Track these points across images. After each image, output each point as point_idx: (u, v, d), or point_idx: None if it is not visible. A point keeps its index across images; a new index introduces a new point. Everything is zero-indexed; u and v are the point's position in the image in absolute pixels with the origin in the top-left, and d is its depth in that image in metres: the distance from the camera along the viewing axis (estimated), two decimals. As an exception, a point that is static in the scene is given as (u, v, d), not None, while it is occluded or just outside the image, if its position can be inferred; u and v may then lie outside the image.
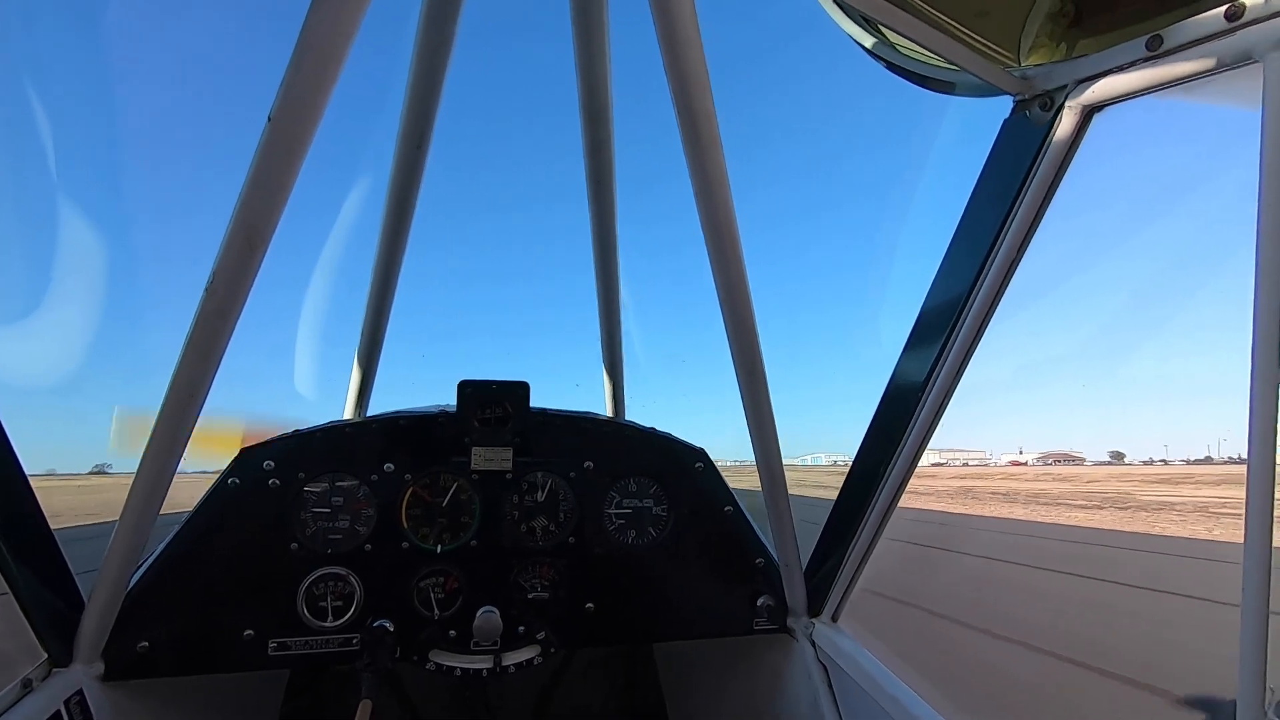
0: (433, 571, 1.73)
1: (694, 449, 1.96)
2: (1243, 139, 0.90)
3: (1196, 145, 3.03)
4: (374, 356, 1.95)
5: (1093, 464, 60.97)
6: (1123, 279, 64.36)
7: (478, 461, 1.78)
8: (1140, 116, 1.13)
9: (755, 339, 1.50)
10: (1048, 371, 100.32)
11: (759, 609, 1.89)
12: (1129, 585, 8.48)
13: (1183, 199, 18.92)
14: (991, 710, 4.90)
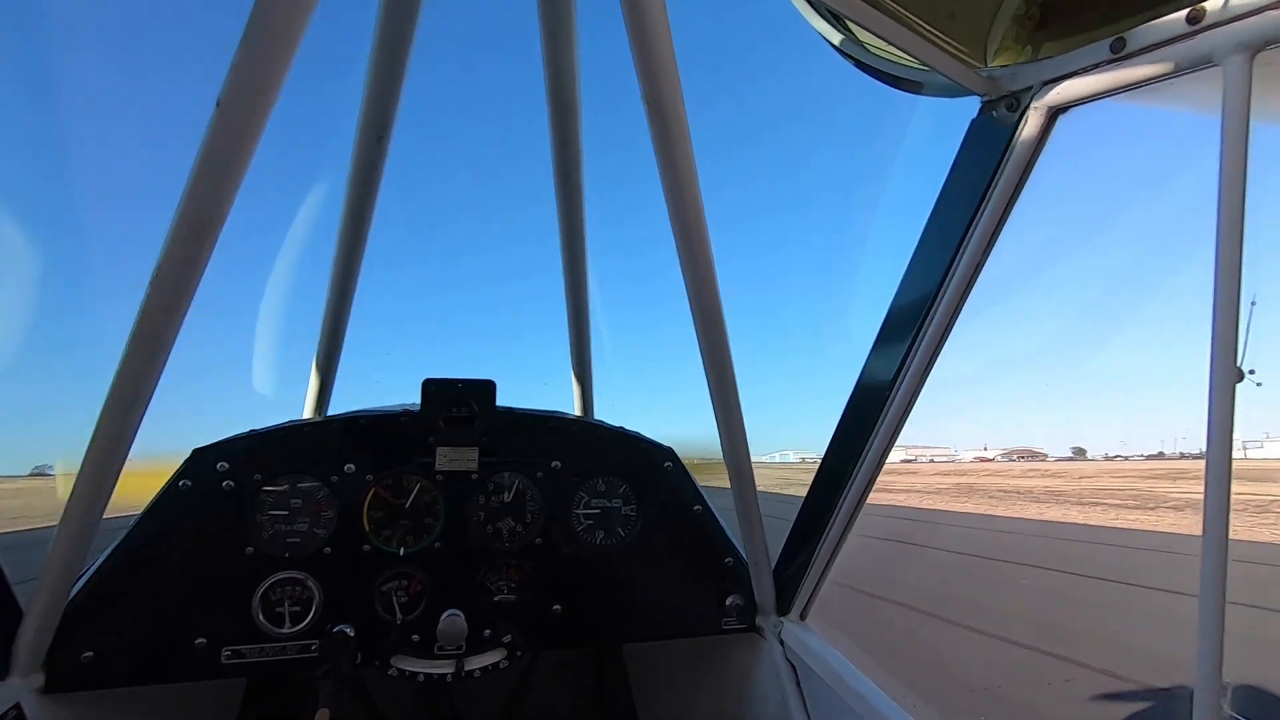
0: (395, 574, 1.68)
1: (662, 448, 1.94)
2: (1204, 141, 0.92)
3: (1160, 147, 3.12)
4: (334, 355, 1.90)
5: (1055, 460, 62.49)
6: (1085, 279, 66.42)
7: (443, 462, 1.74)
8: (1105, 118, 1.14)
9: (724, 337, 1.49)
10: (1009, 369, 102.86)
11: (728, 608, 1.89)
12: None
13: (1145, 200, 19.66)
14: (957, 698, 5.02)
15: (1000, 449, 72.94)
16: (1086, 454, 67.93)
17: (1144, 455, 59.75)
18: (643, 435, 1.94)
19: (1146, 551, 11.27)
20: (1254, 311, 0.82)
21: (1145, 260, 56.74)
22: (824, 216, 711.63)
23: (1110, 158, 19.78)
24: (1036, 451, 70.74)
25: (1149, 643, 6.01)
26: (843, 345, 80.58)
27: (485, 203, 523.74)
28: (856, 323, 17.77)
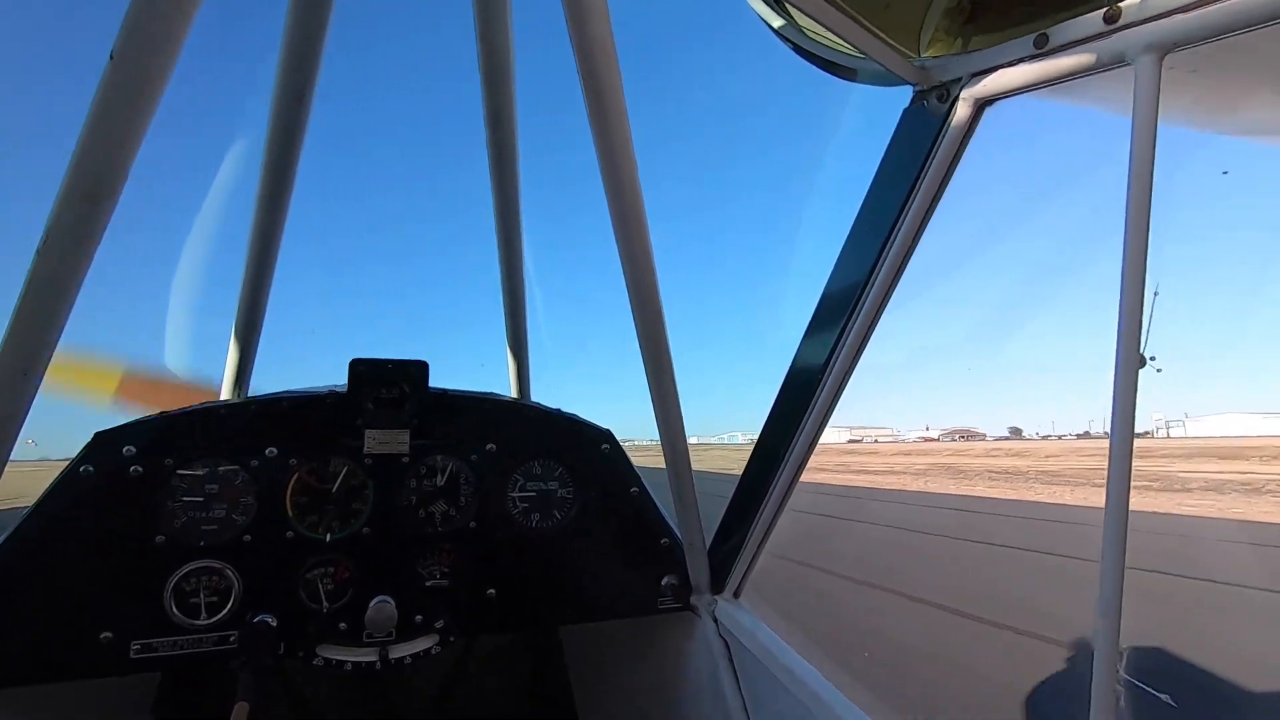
0: (321, 561, 1.63)
1: (600, 430, 1.93)
2: (1121, 138, 0.96)
3: (1079, 143, 3.28)
4: (253, 332, 1.80)
5: (993, 439, 65.32)
6: (1006, 268, 69.98)
7: (371, 445, 1.68)
8: (1030, 112, 1.19)
9: (661, 320, 1.49)
10: (943, 354, 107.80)
11: (663, 589, 1.91)
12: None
13: (1065, 193, 20.82)
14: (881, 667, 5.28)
15: (940, 429, 75.99)
16: (1022, 433, 71.54)
17: (1074, 434, 63.17)
18: (580, 417, 1.93)
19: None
20: (1156, 301, 0.87)
21: (1062, 251, 60.41)
22: (760, 202, 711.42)
23: (1034, 152, 20.94)
24: (975, 431, 74.02)
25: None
26: (777, 331, 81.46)
27: (419, 179, 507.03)
28: (790, 309, 17.92)
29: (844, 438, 68.19)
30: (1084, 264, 60.62)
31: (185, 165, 50.85)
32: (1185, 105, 1.23)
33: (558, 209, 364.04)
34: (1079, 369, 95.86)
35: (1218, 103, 1.28)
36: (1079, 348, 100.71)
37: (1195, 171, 10.36)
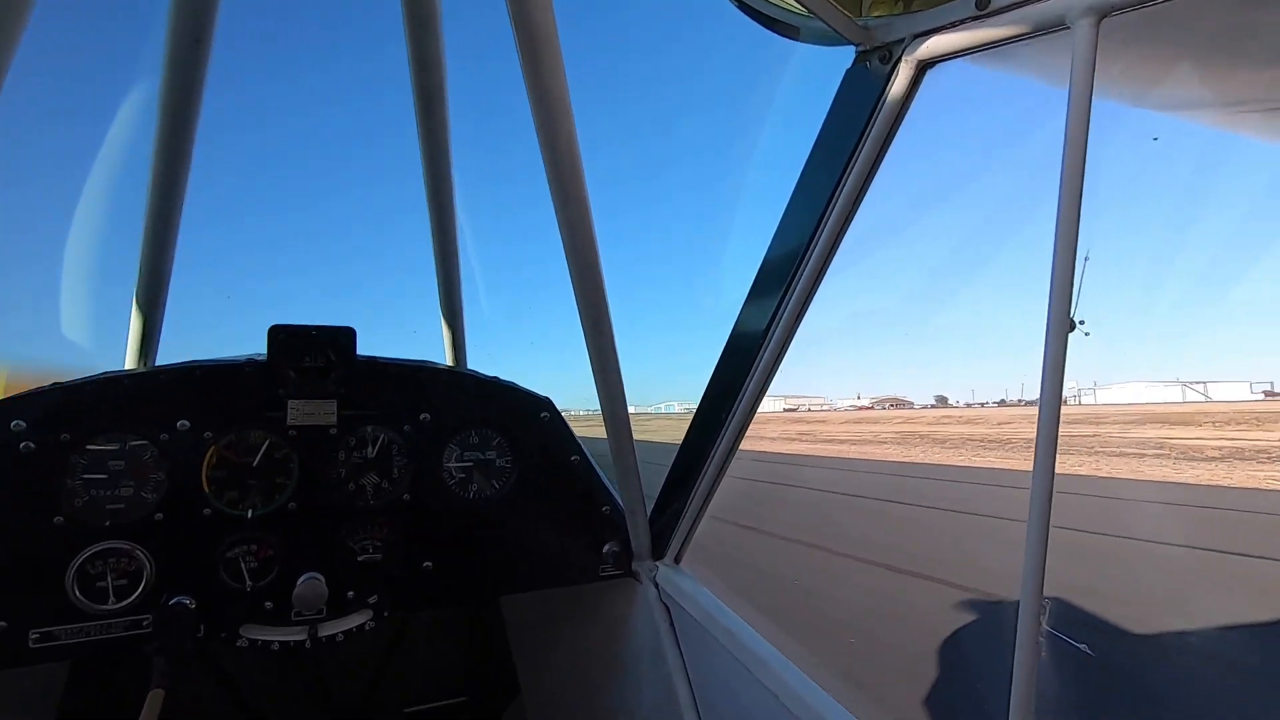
0: (243, 539, 1.54)
1: (539, 398, 1.89)
2: (1059, 104, 0.97)
3: (1020, 108, 3.27)
4: (158, 297, 1.66)
5: (920, 407, 67.67)
6: (944, 233, 71.86)
7: (295, 416, 1.59)
8: (970, 77, 1.18)
9: (600, 285, 1.45)
10: (872, 321, 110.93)
11: (605, 556, 1.90)
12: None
13: (1003, 159, 21.47)
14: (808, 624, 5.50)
15: (870, 397, 78.27)
16: (948, 401, 74.42)
17: (994, 402, 66.08)
18: (518, 385, 1.88)
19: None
20: (1086, 267, 0.89)
21: (999, 217, 62.43)
22: (703, 172, 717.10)
23: (975, 116, 21.31)
24: (904, 400, 76.56)
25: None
26: (717, 299, 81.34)
27: (342, 133, 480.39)
28: (732, 277, 17.76)
29: (779, 406, 69.52)
30: (1019, 230, 63.07)
31: (77, 113, 43.50)
32: (1115, 75, 1.25)
33: (493, 168, 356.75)
34: (1008, 336, 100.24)
35: (1144, 75, 1.31)
36: (1010, 314, 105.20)
37: (1121, 144, 10.88)
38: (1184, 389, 41.46)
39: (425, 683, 2.65)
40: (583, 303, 1.48)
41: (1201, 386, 41.97)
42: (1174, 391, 42.61)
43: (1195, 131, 1.43)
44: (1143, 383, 45.19)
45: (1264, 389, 41.56)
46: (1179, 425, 26.35)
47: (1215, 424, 25.37)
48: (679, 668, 1.80)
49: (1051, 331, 0.90)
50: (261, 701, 2.35)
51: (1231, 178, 38.83)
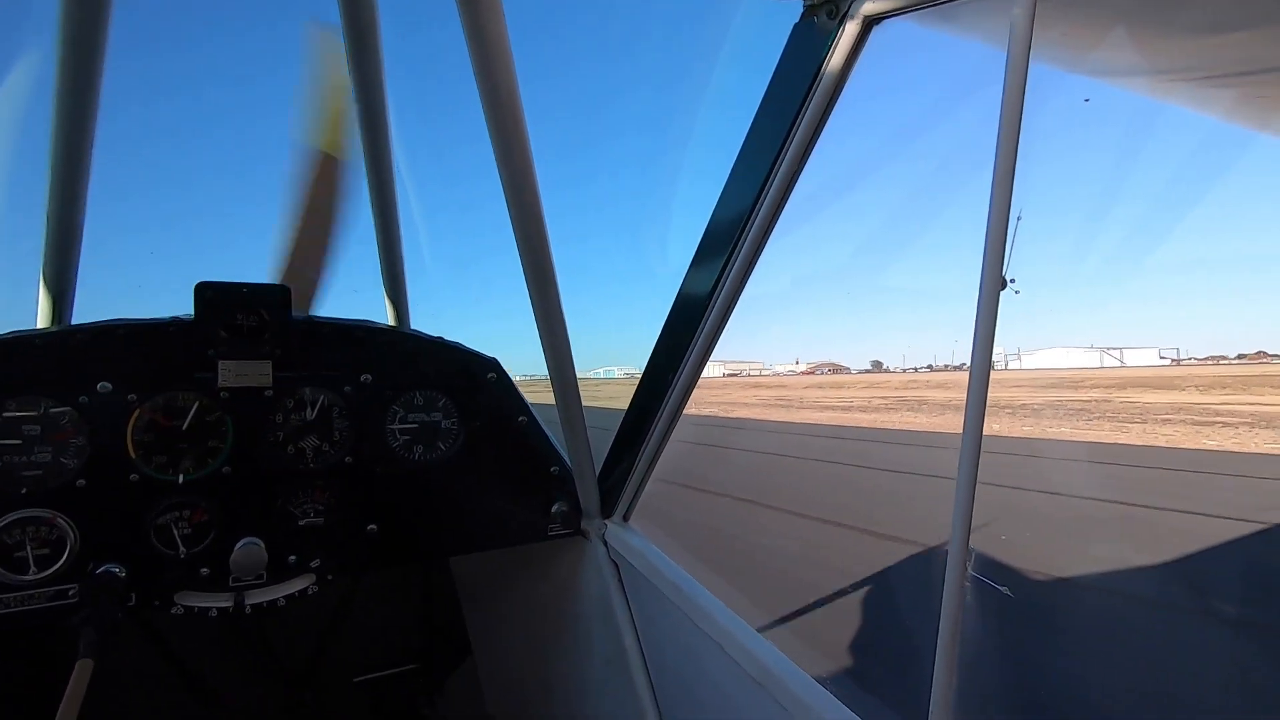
0: (174, 505, 1.49)
1: (485, 359, 1.86)
2: (995, 69, 0.98)
3: (964, 67, 3.21)
4: (69, 251, 1.55)
5: (857, 372, 69.13)
6: (887, 195, 72.67)
7: (227, 378, 1.53)
8: (916, 36, 1.18)
9: (545, 243, 1.42)
10: (810, 285, 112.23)
11: (554, 515, 1.91)
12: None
13: (944, 119, 21.66)
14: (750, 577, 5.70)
15: (808, 363, 79.58)
16: (884, 365, 76.10)
17: (917, 368, 67.93)
18: (463, 346, 1.85)
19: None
20: (1019, 226, 0.91)
21: (938, 177, 63.73)
22: (651, 141, 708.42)
23: (919, 76, 21.23)
24: (840, 365, 78.13)
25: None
26: (664, 265, 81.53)
27: (266, 69, 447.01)
28: (678, 241, 17.40)
29: (719, 371, 70.25)
30: (957, 191, 64.48)
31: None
32: (1053, 39, 1.27)
33: (432, 107, 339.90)
34: (950, 298, 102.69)
35: (1080, 40, 1.33)
36: (951, 275, 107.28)
37: (1055, 106, 11.23)
38: (1102, 355, 43.40)
39: (375, 646, 2.65)
40: (528, 263, 1.45)
41: (1118, 352, 43.99)
42: (1093, 357, 44.50)
43: (1127, 98, 1.48)
44: (1062, 349, 47.01)
45: (1171, 355, 43.74)
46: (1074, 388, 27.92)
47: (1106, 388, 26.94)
48: (628, 622, 1.84)
49: (985, 291, 0.93)
50: (203, 669, 2.31)
51: (1159, 145, 40.60)
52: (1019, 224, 0.91)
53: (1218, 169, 41.63)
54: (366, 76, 1.53)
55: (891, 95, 21.34)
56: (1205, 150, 31.01)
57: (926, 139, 32.06)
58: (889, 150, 39.16)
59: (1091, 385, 28.13)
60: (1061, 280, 40.61)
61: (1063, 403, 21.36)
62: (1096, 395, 22.79)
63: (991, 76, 1.03)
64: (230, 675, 2.37)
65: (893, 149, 38.40)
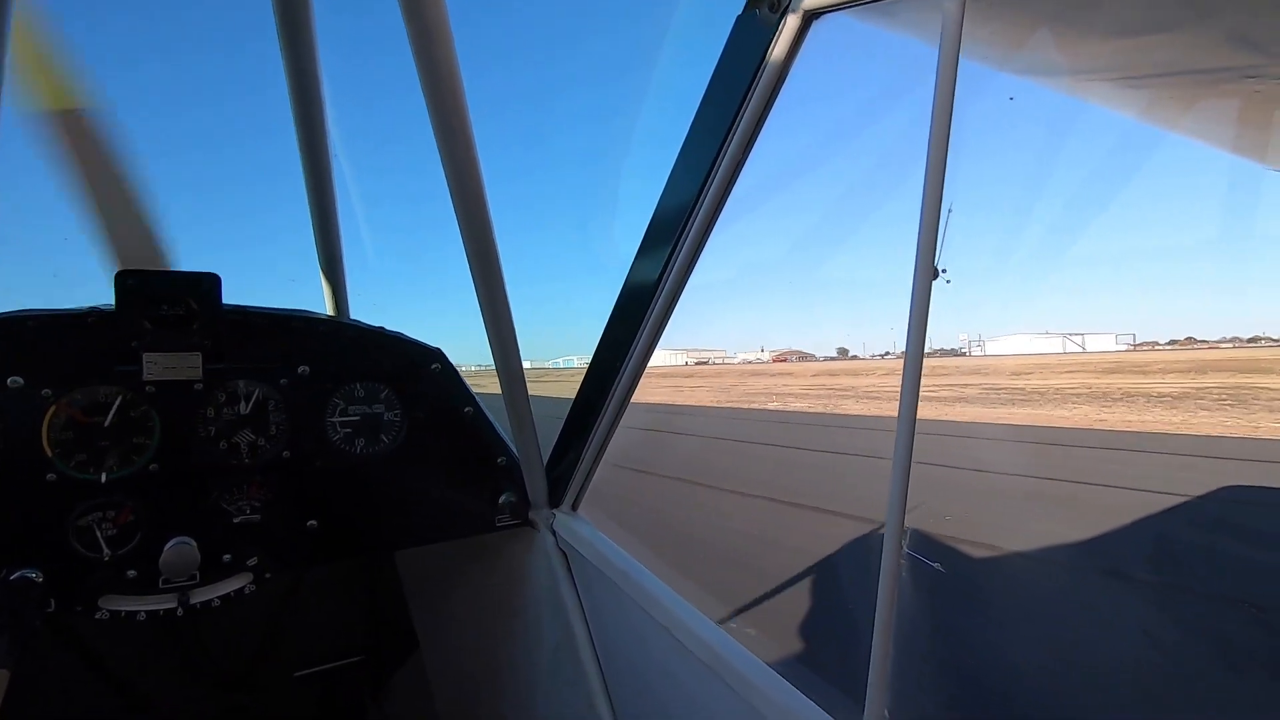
0: (98, 505, 1.42)
1: (429, 349, 1.83)
2: (929, 65, 1.01)
3: (896, 66, 3.32)
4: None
5: (824, 359, 69.54)
6: (821, 191, 73.43)
7: (153, 371, 1.46)
8: (858, 32, 1.21)
9: (490, 232, 1.40)
10: (764, 275, 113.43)
11: (501, 506, 1.90)
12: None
13: (885, 111, 21.98)
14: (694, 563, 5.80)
15: (772, 351, 79.84)
16: (849, 353, 76.66)
17: (884, 354, 68.18)
18: (406, 336, 1.81)
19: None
20: (950, 218, 0.95)
21: (875, 173, 64.89)
22: (594, 137, 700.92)
23: (862, 69, 21.41)
24: (807, 353, 78.43)
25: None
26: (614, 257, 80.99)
27: (191, 45, 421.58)
28: (626, 233, 17.50)
29: (680, 360, 70.42)
30: (894, 184, 65.25)
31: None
32: (983, 38, 1.32)
33: (369, 87, 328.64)
34: (883, 286, 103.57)
35: (1008, 40, 1.39)
36: (886, 265, 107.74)
37: (986, 104, 11.52)
38: (1064, 340, 44.20)
39: (319, 643, 2.58)
40: (472, 251, 1.43)
41: (1080, 338, 44.70)
42: (1054, 343, 44.92)
43: (1050, 97, 1.55)
44: (1025, 335, 47.58)
45: (1128, 341, 44.44)
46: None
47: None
48: (577, 611, 1.85)
49: (918, 278, 0.97)
50: (132, 675, 2.21)
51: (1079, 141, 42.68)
52: (950, 216, 0.95)
53: (1133, 166, 44.02)
54: (300, 60, 1.48)
55: (836, 88, 21.60)
56: (1122, 149, 32.86)
57: (872, 130, 32.58)
58: (835, 141, 39.52)
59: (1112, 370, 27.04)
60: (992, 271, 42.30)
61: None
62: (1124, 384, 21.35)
63: (927, 73, 1.07)
64: (163, 680, 2.28)
65: (840, 139, 38.78)
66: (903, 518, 1.12)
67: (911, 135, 1.05)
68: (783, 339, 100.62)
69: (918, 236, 0.97)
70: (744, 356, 69.95)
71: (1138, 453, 10.62)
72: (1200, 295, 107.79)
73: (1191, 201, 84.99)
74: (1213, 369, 23.78)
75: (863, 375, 32.63)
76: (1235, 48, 1.19)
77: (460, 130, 1.23)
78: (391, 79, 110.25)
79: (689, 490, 9.09)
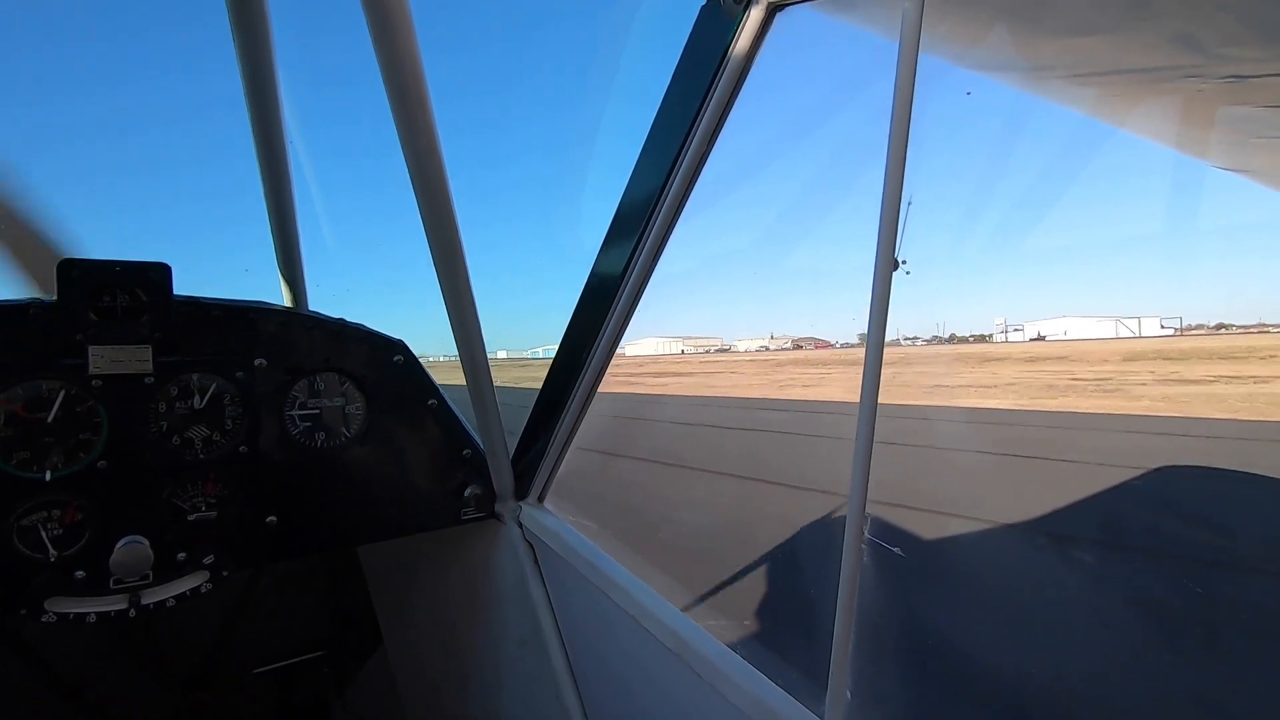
0: (41, 504, 1.36)
1: (392, 341, 1.80)
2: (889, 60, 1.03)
3: (858, 60, 3.29)
4: None
5: (840, 346, 67.13)
6: (785, 183, 73.21)
7: (100, 364, 1.40)
8: (822, 24, 1.22)
9: (452, 219, 1.38)
10: (722, 263, 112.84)
11: (467, 499, 1.88)
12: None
13: (847, 104, 21.93)
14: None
15: (784, 338, 77.66)
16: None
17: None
18: (367, 327, 1.77)
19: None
20: (910, 210, 0.97)
21: (836, 167, 65.14)
22: (559, 127, 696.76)
23: (825, 62, 21.24)
24: (825, 341, 75.62)
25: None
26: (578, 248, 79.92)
27: (138, 19, 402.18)
28: (590, 224, 16.73)
29: (679, 349, 69.70)
30: (856, 177, 65.00)
31: None
32: (942, 34, 1.35)
33: (325, 70, 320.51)
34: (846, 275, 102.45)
35: (965, 35, 1.42)
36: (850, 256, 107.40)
37: (945, 97, 11.27)
38: (1117, 324, 41.09)
39: (280, 639, 2.53)
40: (433, 237, 1.41)
41: (1134, 322, 40.97)
42: (1107, 327, 41.10)
43: (1005, 92, 1.59)
44: (1076, 318, 44.18)
45: (1174, 326, 40.68)
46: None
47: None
48: (544, 602, 1.85)
49: (879, 269, 0.99)
50: (85, 679, 2.14)
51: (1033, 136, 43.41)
52: (910, 209, 0.97)
53: (1083, 160, 45.13)
54: (253, 44, 1.43)
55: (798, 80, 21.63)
56: (1074, 143, 33.52)
57: (834, 123, 32.57)
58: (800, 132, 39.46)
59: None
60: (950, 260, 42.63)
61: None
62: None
63: (888, 67, 1.09)
64: (118, 682, 2.21)
65: (804, 130, 38.72)
66: (864, 503, 1.14)
67: (874, 128, 1.07)
68: (792, 327, 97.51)
69: (878, 228, 0.99)
70: (749, 344, 67.31)
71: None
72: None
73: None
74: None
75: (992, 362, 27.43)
76: (1180, 49, 1.23)
77: (422, 121, 1.21)
78: (347, 59, 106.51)
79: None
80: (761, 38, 1.24)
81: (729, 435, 12.80)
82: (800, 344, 65.45)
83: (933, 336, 42.99)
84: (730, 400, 19.81)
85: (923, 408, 14.98)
